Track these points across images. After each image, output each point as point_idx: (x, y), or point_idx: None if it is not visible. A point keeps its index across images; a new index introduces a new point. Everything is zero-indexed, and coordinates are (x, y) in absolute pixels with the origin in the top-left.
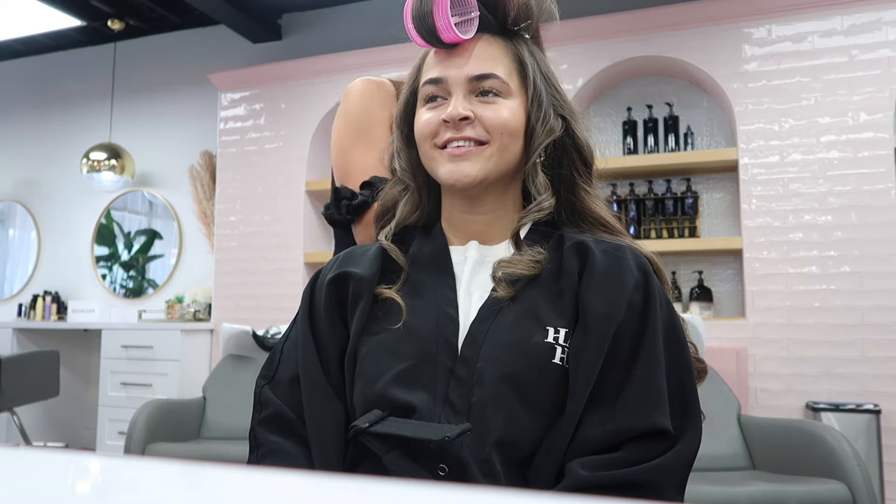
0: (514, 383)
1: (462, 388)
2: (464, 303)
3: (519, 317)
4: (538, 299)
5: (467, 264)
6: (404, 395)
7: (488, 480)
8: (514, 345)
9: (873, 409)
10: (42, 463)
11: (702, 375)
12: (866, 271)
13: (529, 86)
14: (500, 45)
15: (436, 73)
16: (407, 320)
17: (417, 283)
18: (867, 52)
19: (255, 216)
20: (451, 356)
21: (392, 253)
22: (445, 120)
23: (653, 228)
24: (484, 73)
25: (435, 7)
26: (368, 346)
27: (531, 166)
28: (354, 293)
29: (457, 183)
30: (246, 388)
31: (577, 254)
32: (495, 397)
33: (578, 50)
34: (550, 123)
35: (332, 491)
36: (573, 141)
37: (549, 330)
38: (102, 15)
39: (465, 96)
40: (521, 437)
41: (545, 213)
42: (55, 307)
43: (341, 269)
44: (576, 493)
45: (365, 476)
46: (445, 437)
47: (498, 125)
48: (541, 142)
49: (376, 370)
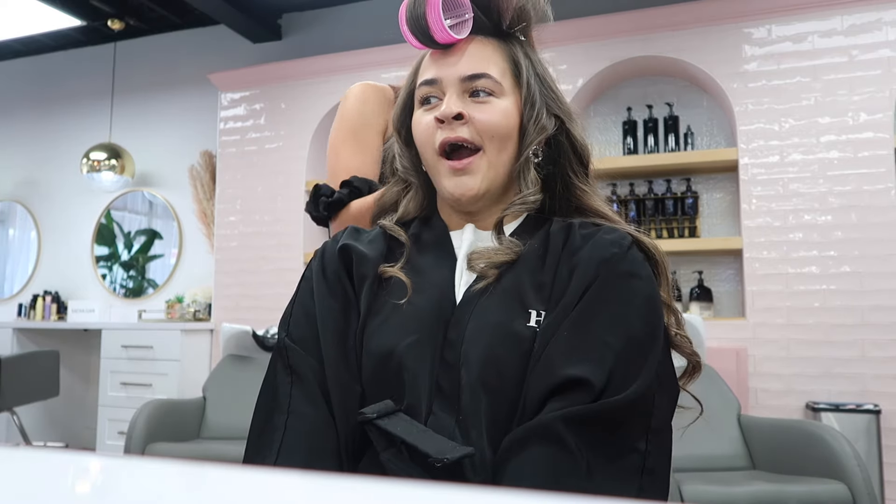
0: (498, 365)
1: (450, 371)
2: (458, 285)
3: (503, 299)
4: (522, 280)
5: (463, 247)
6: (408, 370)
7: (480, 473)
8: (497, 326)
9: (873, 409)
10: (42, 463)
11: (697, 370)
12: (866, 271)
13: (523, 86)
14: (493, 46)
15: (430, 74)
16: (412, 297)
17: (419, 265)
18: (867, 52)
19: (255, 216)
20: (444, 338)
21: (393, 231)
22: (439, 118)
23: (653, 228)
24: (476, 72)
25: (428, 9)
26: (375, 322)
27: (522, 163)
28: (359, 272)
29: (461, 197)
30: (246, 388)
31: (562, 235)
32: (480, 380)
33: (578, 50)
34: (543, 122)
35: (332, 491)
36: (569, 140)
37: (531, 313)
38: (102, 15)
39: (459, 96)
40: (508, 419)
41: (528, 207)
42: (55, 307)
43: (348, 241)
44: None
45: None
46: (445, 458)
47: (489, 128)
48: (532, 140)
49: (385, 343)
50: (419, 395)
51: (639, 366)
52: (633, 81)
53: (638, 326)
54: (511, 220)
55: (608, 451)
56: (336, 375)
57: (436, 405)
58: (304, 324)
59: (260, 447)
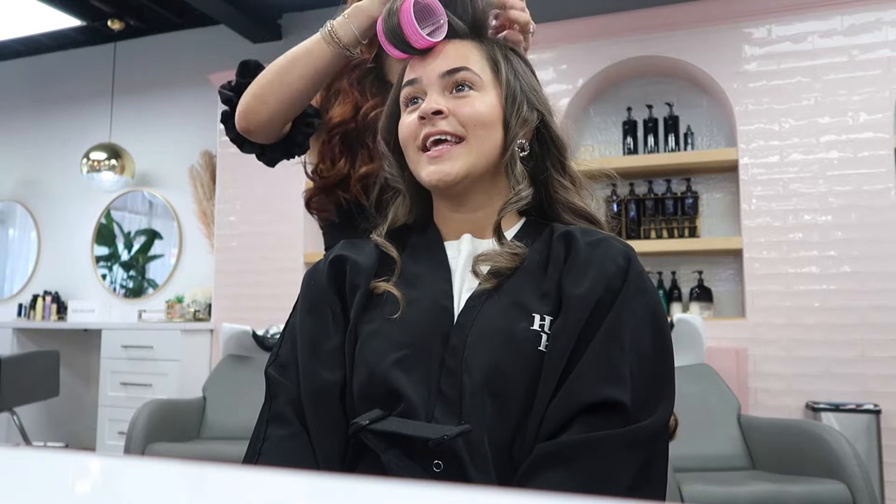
0: (501, 371)
1: (452, 377)
2: (458, 295)
3: (505, 305)
4: (524, 288)
5: (461, 257)
6: (401, 382)
7: (482, 474)
8: (500, 332)
9: (873, 409)
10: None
11: (674, 430)
12: (866, 271)
13: (503, 81)
14: (471, 46)
15: (411, 75)
16: (404, 311)
17: (413, 276)
18: (867, 52)
19: (255, 216)
20: (445, 346)
21: (384, 247)
22: (421, 116)
23: (653, 228)
24: (455, 66)
25: (402, 18)
26: (366, 335)
27: (509, 157)
28: (352, 280)
29: (439, 183)
30: (246, 388)
31: (563, 243)
32: (483, 386)
33: (578, 50)
34: (524, 115)
35: (332, 491)
36: (549, 134)
37: (534, 317)
38: (102, 15)
39: (440, 93)
40: (511, 424)
41: (524, 203)
42: (55, 307)
43: (340, 252)
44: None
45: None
46: (444, 435)
47: (472, 117)
48: (516, 133)
49: (375, 358)
50: (415, 405)
51: (662, 385)
52: (633, 81)
53: (658, 345)
54: (509, 225)
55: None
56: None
57: (437, 410)
58: (290, 346)
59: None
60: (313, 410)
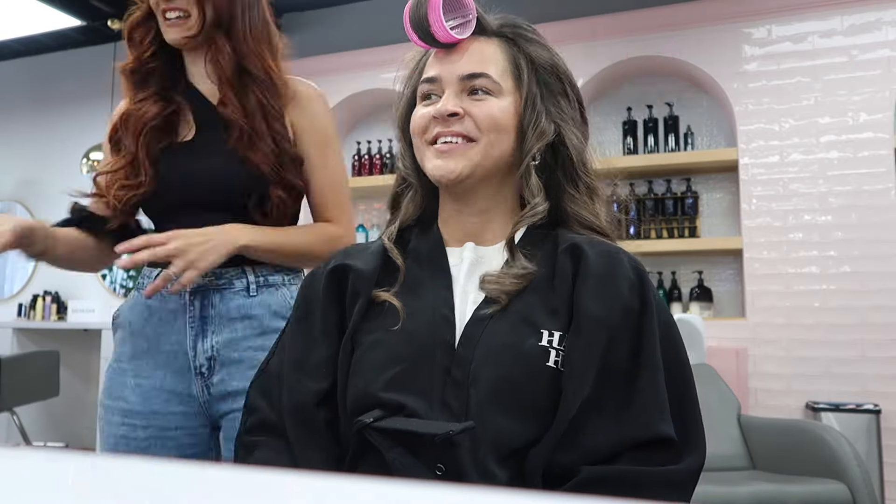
0: (509, 386)
1: (458, 389)
2: (460, 304)
3: (513, 321)
4: (532, 304)
5: (463, 265)
6: (399, 399)
7: (483, 481)
8: (508, 347)
9: (873, 409)
10: (42, 463)
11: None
12: (866, 271)
13: (523, 87)
14: (495, 46)
15: (432, 72)
16: (404, 321)
17: (415, 283)
18: (867, 52)
19: None
20: (448, 356)
21: (391, 253)
22: (435, 116)
23: (653, 228)
24: (475, 72)
25: (430, 9)
26: (365, 345)
27: (524, 169)
28: (353, 288)
29: (442, 178)
30: None
31: (570, 256)
32: (491, 399)
33: (578, 50)
34: (542, 127)
35: (331, 491)
36: (564, 147)
37: (543, 333)
38: (102, 15)
39: (457, 94)
40: (517, 438)
41: (539, 218)
42: (55, 307)
43: (340, 261)
44: (581, 489)
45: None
46: (449, 431)
47: (486, 121)
48: (531, 145)
49: (372, 372)
50: (418, 415)
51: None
52: (633, 81)
53: (687, 372)
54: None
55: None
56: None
57: (440, 420)
58: (279, 358)
59: None
60: (294, 422)
